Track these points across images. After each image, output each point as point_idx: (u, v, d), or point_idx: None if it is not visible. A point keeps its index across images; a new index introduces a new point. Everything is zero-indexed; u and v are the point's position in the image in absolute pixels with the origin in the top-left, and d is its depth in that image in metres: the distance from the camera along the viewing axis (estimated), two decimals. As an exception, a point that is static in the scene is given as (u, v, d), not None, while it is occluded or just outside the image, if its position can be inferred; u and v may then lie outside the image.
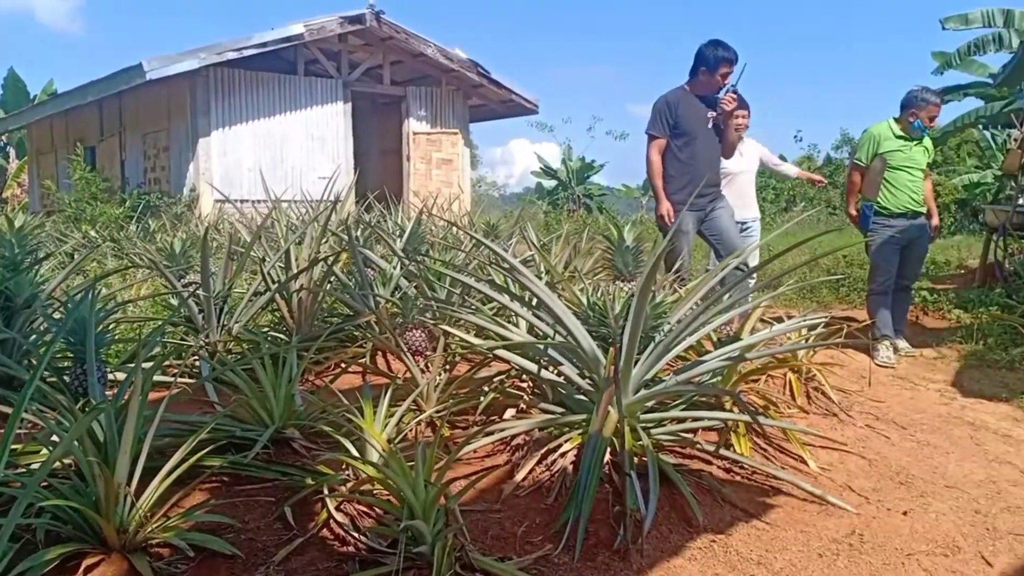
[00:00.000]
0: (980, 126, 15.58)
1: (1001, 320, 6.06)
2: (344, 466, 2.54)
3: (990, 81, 13.59)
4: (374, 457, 2.38)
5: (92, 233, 8.87)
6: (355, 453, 2.49)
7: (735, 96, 5.26)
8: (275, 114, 13.80)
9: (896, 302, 5.61)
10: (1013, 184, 11.21)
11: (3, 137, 23.71)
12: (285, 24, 13.03)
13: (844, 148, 28.00)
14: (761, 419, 3.24)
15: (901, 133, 5.50)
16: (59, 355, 3.19)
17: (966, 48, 13.36)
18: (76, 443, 2.05)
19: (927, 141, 5.64)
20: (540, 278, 4.12)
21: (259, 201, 12.58)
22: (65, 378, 2.78)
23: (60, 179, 15.73)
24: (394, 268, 4.56)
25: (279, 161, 13.85)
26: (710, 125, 5.36)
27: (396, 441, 2.76)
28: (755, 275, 5.17)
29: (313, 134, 14.23)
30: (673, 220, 5.08)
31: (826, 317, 4.46)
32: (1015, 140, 11.88)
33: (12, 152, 24.13)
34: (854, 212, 5.78)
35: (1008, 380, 4.91)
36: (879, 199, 5.54)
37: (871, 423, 3.82)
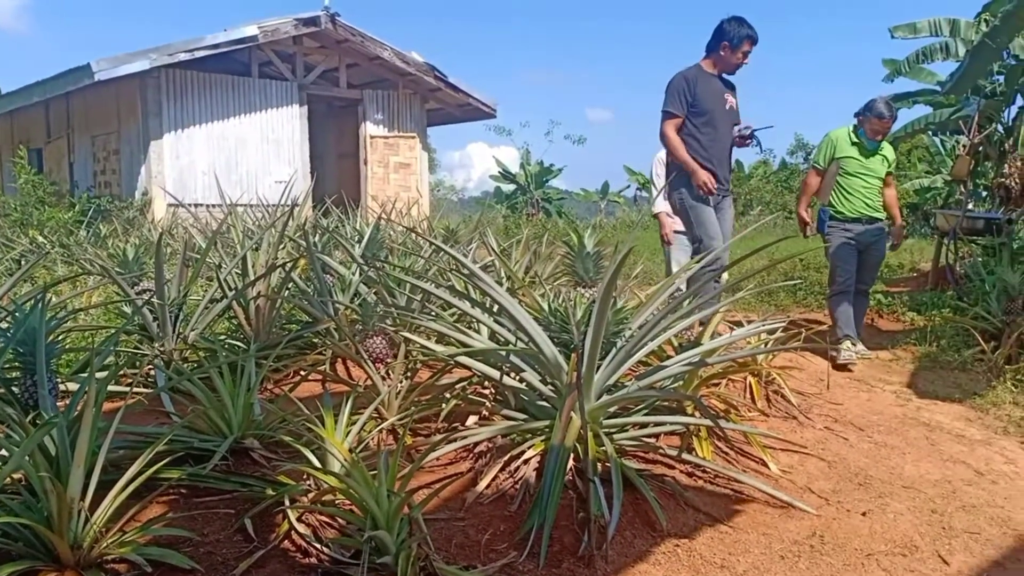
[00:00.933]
0: (930, 132, 15.90)
1: (953, 322, 6.18)
2: (305, 476, 2.50)
3: (938, 88, 13.88)
4: (336, 467, 2.34)
5: (40, 239, 8.65)
6: (316, 463, 2.45)
7: (716, 190, 4.99)
8: (229, 117, 13.60)
9: (853, 305, 5.66)
10: (962, 189, 11.49)
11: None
12: (238, 26, 12.86)
13: (799, 153, 28.46)
14: (722, 423, 3.27)
15: (858, 140, 5.56)
16: (8, 366, 3.09)
17: (915, 56, 13.65)
18: (27, 458, 1.98)
19: (886, 150, 5.69)
20: (501, 284, 4.11)
21: (214, 205, 12.39)
22: (14, 390, 2.70)
23: (5, 182, 15.33)
24: (353, 274, 4.52)
25: (234, 165, 13.66)
26: (727, 107, 5.13)
27: (358, 450, 2.72)
28: (721, 279, 5.15)
29: (269, 137, 14.05)
30: (712, 188, 4.89)
31: (784, 321, 4.50)
32: (963, 146, 12.18)
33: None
34: (804, 213, 5.79)
35: (961, 381, 5.01)
36: (832, 204, 5.61)
37: (830, 425, 3.87)
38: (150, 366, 3.81)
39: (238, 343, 4.25)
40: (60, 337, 4.00)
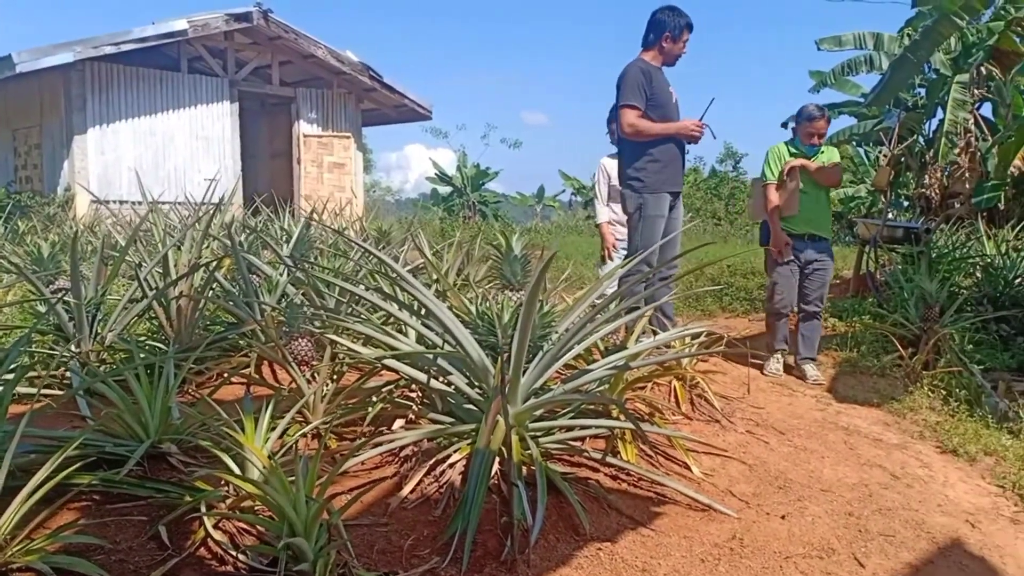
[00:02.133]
0: (853, 143, 16.40)
1: (873, 329, 6.36)
2: (224, 482, 2.44)
3: (862, 100, 14.33)
4: (254, 473, 2.30)
5: (-47, 234, 8.29)
6: (235, 469, 2.40)
7: (704, 126, 4.93)
8: (157, 112, 13.26)
9: (803, 329, 5.45)
10: (883, 199, 11.86)
11: None
12: (167, 19, 12.55)
13: (728, 161, 29.01)
14: (645, 426, 3.30)
15: (796, 151, 5.42)
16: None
17: (840, 68, 14.04)
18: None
19: (828, 152, 5.51)
20: (430, 287, 4.09)
21: (139, 203, 12.05)
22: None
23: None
24: (280, 275, 4.44)
25: (161, 161, 13.33)
26: (674, 101, 5.00)
27: (279, 455, 2.67)
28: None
29: (198, 134, 13.75)
30: (700, 132, 4.80)
31: (709, 326, 4.57)
32: (885, 157, 12.58)
33: None
34: (782, 234, 5.34)
35: (879, 386, 5.16)
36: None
37: (751, 429, 3.94)
38: (64, 368, 3.68)
39: (159, 344, 4.14)
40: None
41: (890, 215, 8.17)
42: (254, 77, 14.64)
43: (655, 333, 4.09)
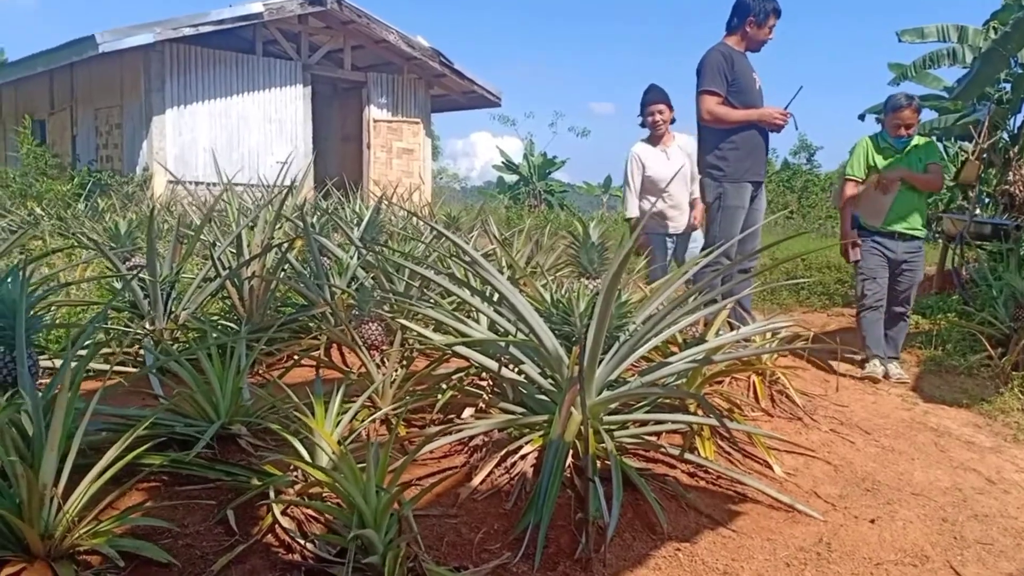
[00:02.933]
0: (934, 137, 15.81)
1: (959, 327, 6.07)
2: (292, 467, 2.39)
3: (944, 94, 13.79)
4: (323, 459, 2.24)
5: (38, 210, 8.53)
6: (304, 454, 2.34)
7: (789, 115, 4.73)
8: (232, 94, 13.46)
9: (890, 330, 5.16)
10: (969, 194, 11.36)
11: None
12: (243, 2, 12.70)
13: (802, 154, 28.30)
14: (727, 422, 3.16)
15: (886, 144, 5.09)
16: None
17: (921, 61, 13.57)
18: (-2, 439, 1.88)
19: (920, 144, 5.12)
20: (502, 273, 4.00)
21: (214, 184, 12.25)
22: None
23: (8, 152, 15.19)
24: (351, 258, 4.41)
25: (235, 143, 13.53)
26: (758, 88, 4.78)
27: (349, 441, 2.61)
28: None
29: (271, 116, 13.91)
30: (785, 119, 4.60)
31: (790, 322, 4.37)
32: (967, 152, 12.05)
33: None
34: (852, 233, 5.07)
35: (967, 386, 4.90)
36: (861, 216, 5.12)
37: (835, 427, 3.76)
38: (138, 345, 3.71)
39: (231, 324, 4.15)
40: (50, 311, 3.91)
41: (976, 211, 7.79)
42: (326, 61, 14.74)
43: (733, 327, 3.93)
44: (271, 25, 13.47)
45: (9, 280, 2.40)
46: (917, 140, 5.16)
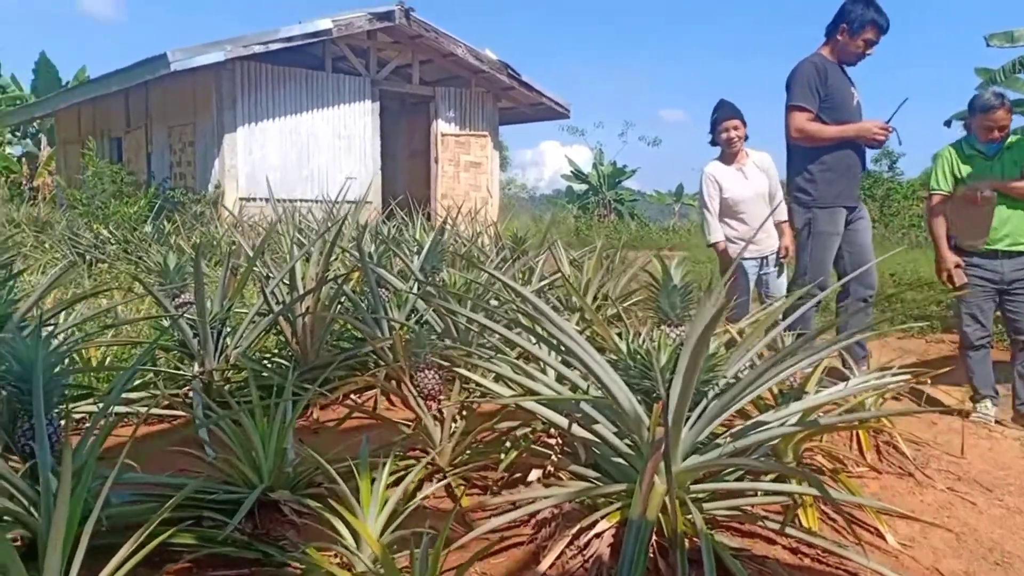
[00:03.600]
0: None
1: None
2: (335, 553, 2.11)
3: (1036, 99, 13.02)
4: (367, 551, 1.94)
5: (105, 233, 8.54)
6: (348, 539, 2.05)
7: (891, 129, 4.39)
8: (302, 111, 13.45)
9: (1016, 362, 4.60)
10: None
11: (34, 124, 23.56)
12: (312, 19, 12.68)
13: (883, 161, 27.18)
14: (828, 485, 2.76)
15: (972, 151, 4.56)
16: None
17: (1011, 65, 12.85)
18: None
19: (1016, 147, 4.52)
20: (570, 309, 3.67)
21: (286, 201, 12.22)
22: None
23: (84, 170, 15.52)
24: (411, 288, 4.14)
25: (305, 160, 13.50)
26: (855, 103, 4.43)
27: (402, 512, 2.32)
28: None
29: (340, 133, 13.86)
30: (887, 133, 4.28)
31: (907, 375, 3.82)
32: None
33: (44, 139, 24.01)
34: (951, 255, 4.55)
35: (1097, 431, 4.37)
36: (956, 236, 4.62)
37: (952, 484, 3.32)
38: (188, 387, 3.50)
39: (283, 361, 3.92)
40: (100, 352, 3.73)
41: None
42: (394, 76, 14.65)
43: (845, 366, 3.51)
44: (340, 41, 13.43)
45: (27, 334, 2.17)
46: (1011, 142, 4.55)
